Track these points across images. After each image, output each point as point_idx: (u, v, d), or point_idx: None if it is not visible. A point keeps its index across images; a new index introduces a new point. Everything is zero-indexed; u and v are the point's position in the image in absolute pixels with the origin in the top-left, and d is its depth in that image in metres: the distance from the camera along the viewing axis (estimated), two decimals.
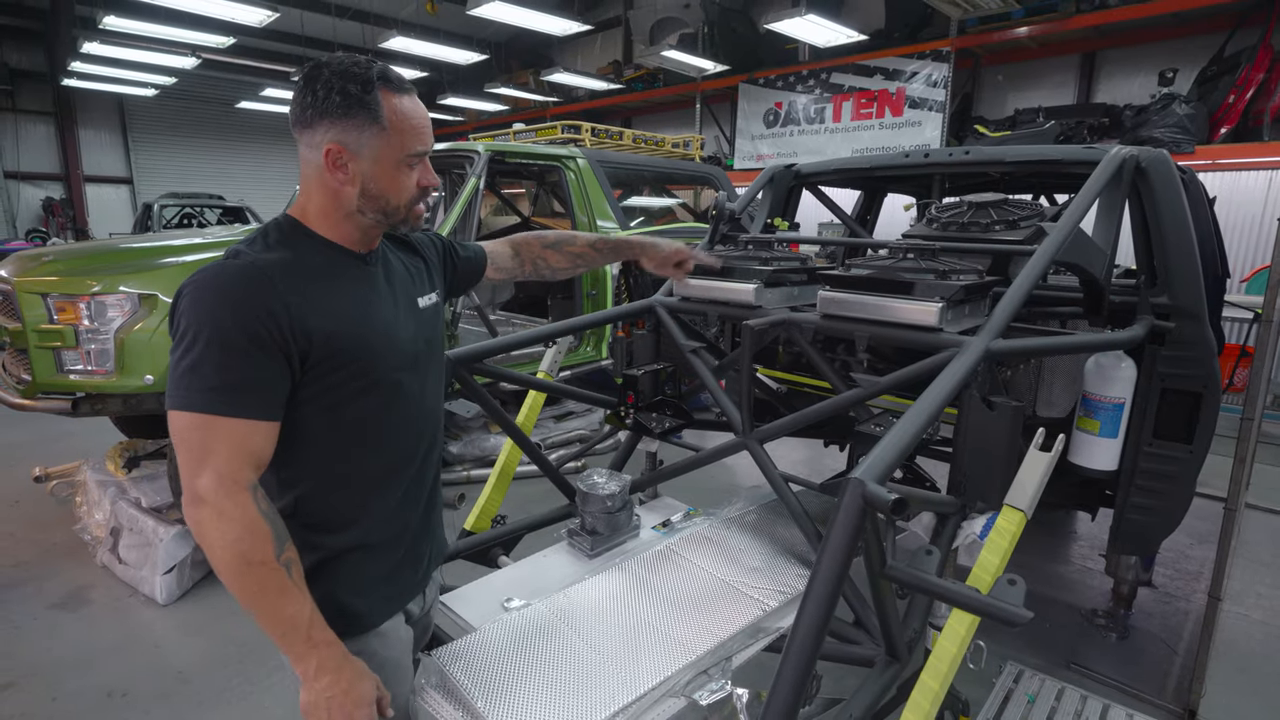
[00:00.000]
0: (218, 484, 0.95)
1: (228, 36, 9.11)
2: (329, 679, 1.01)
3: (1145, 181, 2.11)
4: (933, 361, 1.58)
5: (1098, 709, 2.08)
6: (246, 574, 0.96)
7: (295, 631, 1.00)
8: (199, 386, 0.96)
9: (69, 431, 4.97)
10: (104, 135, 14.54)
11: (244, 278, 1.00)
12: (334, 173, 1.07)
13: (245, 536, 0.96)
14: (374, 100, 1.05)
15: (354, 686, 1.03)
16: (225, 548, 0.96)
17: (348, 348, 1.07)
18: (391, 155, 1.08)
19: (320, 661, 1.01)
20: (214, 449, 0.96)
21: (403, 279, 1.25)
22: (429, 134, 1.13)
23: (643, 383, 2.19)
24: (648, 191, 6.47)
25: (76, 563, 3.26)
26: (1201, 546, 3.56)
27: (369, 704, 1.05)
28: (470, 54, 10.06)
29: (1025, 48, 8.05)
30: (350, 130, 1.05)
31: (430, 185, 1.15)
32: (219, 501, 0.95)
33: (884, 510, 0.98)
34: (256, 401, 0.99)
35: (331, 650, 1.03)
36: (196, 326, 0.97)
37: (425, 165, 1.15)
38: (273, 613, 0.98)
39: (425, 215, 1.19)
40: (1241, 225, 6.62)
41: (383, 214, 1.12)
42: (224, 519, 0.95)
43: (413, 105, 1.10)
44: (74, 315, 2.88)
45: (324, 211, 1.12)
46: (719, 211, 2.60)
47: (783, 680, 1.01)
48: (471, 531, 2.05)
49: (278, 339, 0.99)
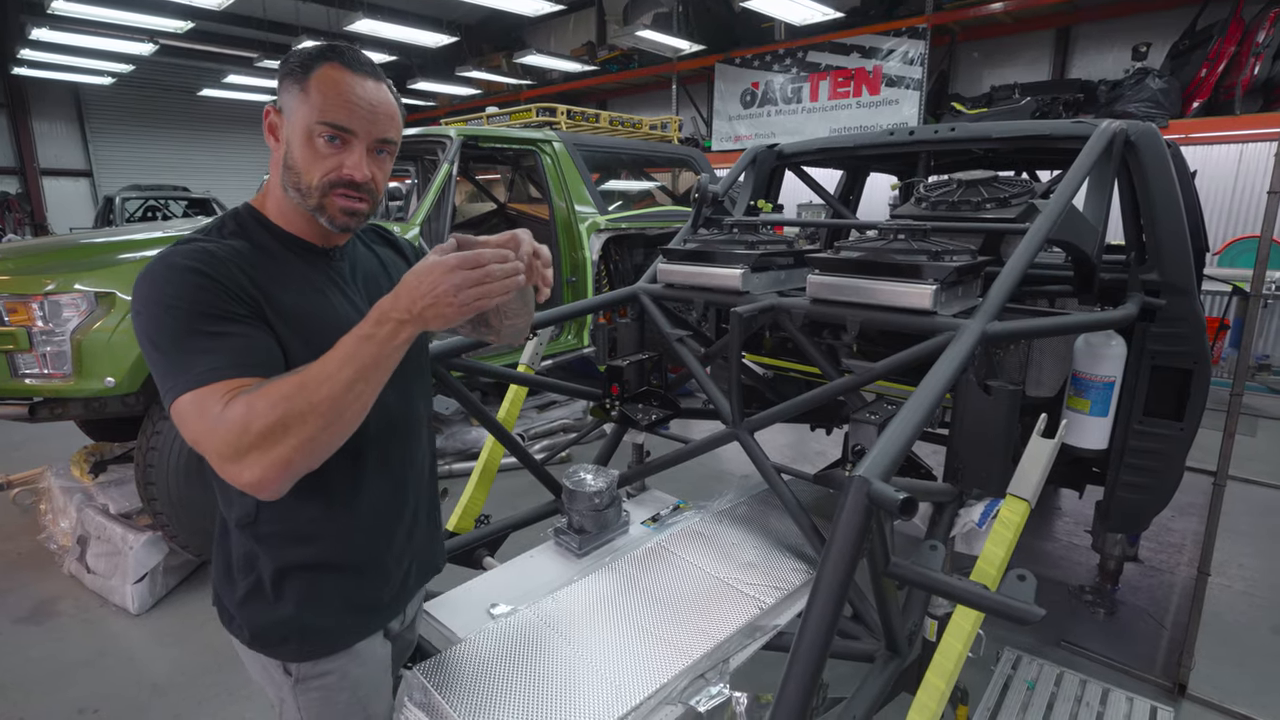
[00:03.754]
0: (219, 428, 0.83)
1: (186, 21, 8.77)
2: (402, 303, 0.87)
3: (1135, 156, 2.07)
4: (928, 346, 1.54)
5: (1098, 693, 2.08)
6: (310, 404, 0.83)
7: (366, 344, 0.87)
8: (181, 368, 0.87)
9: (31, 436, 4.79)
10: (60, 126, 14.00)
11: (195, 257, 0.93)
12: (269, 136, 1.02)
13: (273, 402, 0.83)
14: (316, 65, 0.97)
15: (415, 282, 0.88)
16: (288, 429, 0.82)
17: (295, 345, 0.97)
18: (304, 120, 0.96)
19: (391, 315, 0.87)
20: (208, 414, 0.85)
21: (375, 276, 1.16)
22: (361, 114, 0.97)
23: (627, 373, 2.13)
24: (626, 175, 6.37)
25: (43, 573, 3.14)
26: (1183, 518, 3.60)
27: (433, 266, 0.87)
28: (440, 36, 9.81)
29: (1000, 23, 8.02)
30: (285, 90, 0.99)
31: (343, 177, 0.98)
32: (231, 431, 0.82)
33: (892, 510, 0.93)
34: (248, 360, 0.89)
35: (380, 307, 0.88)
36: (159, 311, 0.89)
37: (350, 151, 0.98)
38: (350, 374, 0.85)
39: (348, 211, 1.00)
40: (1213, 198, 6.70)
41: (298, 192, 0.99)
42: (253, 426, 0.82)
43: (351, 80, 0.97)
44: (27, 316, 2.73)
45: (270, 189, 1.05)
46: (701, 194, 2.52)
47: (789, 690, 0.96)
48: (455, 533, 1.99)
49: (243, 307, 0.92)
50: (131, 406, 2.86)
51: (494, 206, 6.23)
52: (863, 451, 1.51)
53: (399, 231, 3.88)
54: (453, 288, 0.86)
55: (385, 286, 1.11)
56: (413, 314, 0.87)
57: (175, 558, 2.96)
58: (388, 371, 0.91)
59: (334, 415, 0.86)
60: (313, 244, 1.07)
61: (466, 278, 0.87)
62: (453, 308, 0.87)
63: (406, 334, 0.88)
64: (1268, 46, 5.94)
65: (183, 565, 3.03)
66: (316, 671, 1.08)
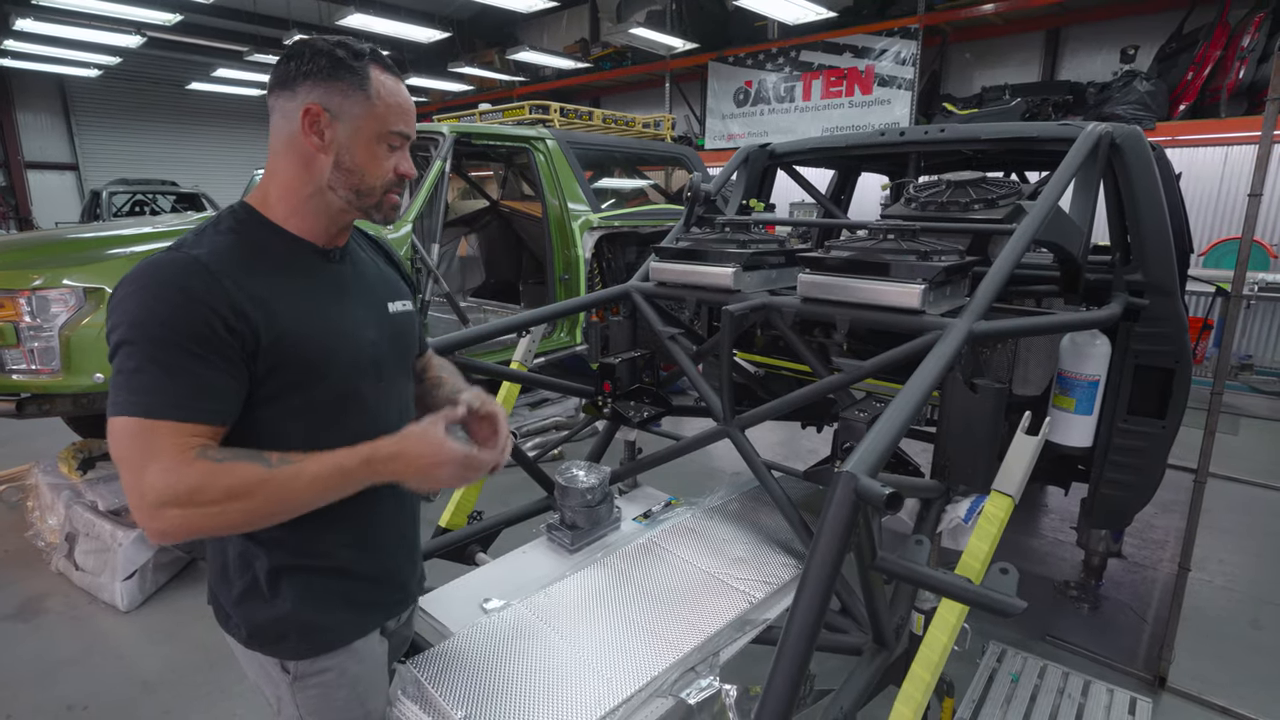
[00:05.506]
0: (169, 475, 0.85)
1: (174, 13, 8.67)
2: (397, 466, 0.95)
3: (1120, 158, 2.10)
4: (916, 344, 1.56)
5: (1079, 685, 2.12)
6: (261, 502, 0.88)
7: (341, 478, 0.93)
8: (140, 389, 0.88)
9: (18, 433, 4.74)
10: (45, 119, 13.80)
11: (184, 273, 0.92)
12: (309, 136, 0.99)
13: (232, 483, 0.87)
14: (364, 68, 1.00)
15: (419, 453, 0.95)
16: (224, 511, 0.87)
17: (298, 348, 0.98)
18: (373, 127, 1.01)
19: (379, 470, 0.95)
20: (157, 452, 0.87)
21: (374, 281, 1.17)
22: (413, 120, 1.07)
23: (620, 371, 2.15)
24: (619, 173, 6.37)
25: (30, 571, 3.12)
26: (1166, 515, 3.65)
27: (441, 449, 0.96)
28: (432, 32, 9.74)
29: (991, 25, 8.08)
30: (335, 93, 0.99)
31: (408, 175, 1.08)
32: (178, 489, 0.85)
33: (878, 505, 0.95)
34: (207, 405, 0.91)
35: (374, 458, 0.94)
36: (134, 327, 0.89)
37: (405, 153, 1.08)
38: (310, 496, 0.92)
39: (395, 206, 1.09)
40: (1198, 200, 6.78)
41: (355, 193, 1.03)
42: (200, 495, 0.86)
43: (401, 88, 1.06)
44: (14, 311, 2.71)
45: (288, 189, 1.02)
46: (694, 193, 2.54)
47: (777, 681, 0.98)
48: (447, 529, 2.00)
49: (224, 338, 0.91)
50: None
51: (487, 204, 6.22)
52: (851, 448, 1.53)
53: (392, 227, 3.86)
54: (449, 476, 0.97)
55: (381, 295, 1.16)
56: (399, 475, 0.95)
57: (165, 555, 2.95)
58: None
59: (272, 518, 0.92)
60: (316, 245, 1.07)
61: (463, 476, 0.99)
62: (435, 483, 0.98)
63: (376, 482, 0.96)
64: (1252, 51, 6.02)
65: (172, 562, 3.02)
66: (315, 669, 1.08)
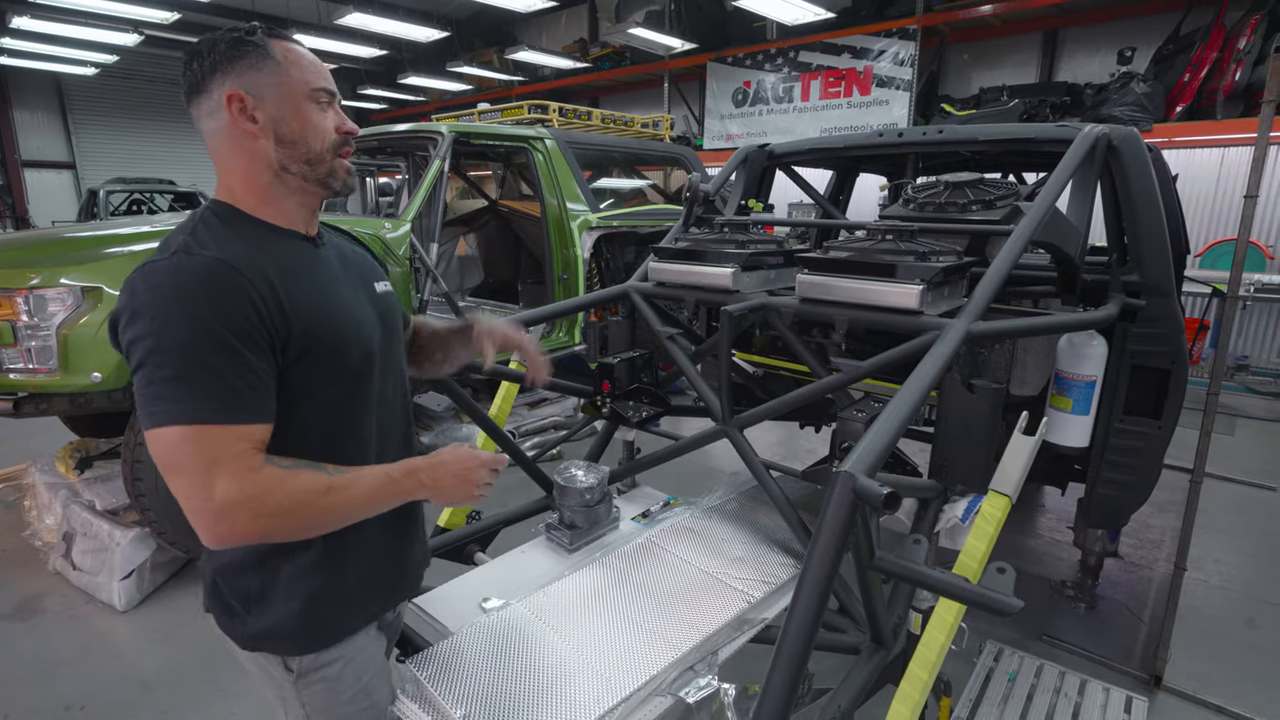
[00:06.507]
0: (240, 480, 0.88)
1: (172, 11, 8.65)
2: (438, 473, 1.05)
3: (1117, 160, 2.11)
4: (914, 345, 1.56)
5: (1075, 684, 2.13)
6: (321, 511, 0.95)
7: (390, 487, 1.02)
8: (182, 396, 0.87)
9: (14, 432, 4.72)
10: (41, 117, 13.78)
11: (211, 272, 0.91)
12: (242, 124, 0.98)
13: (298, 490, 0.92)
14: (262, 40, 1.00)
15: (456, 458, 1.07)
16: (289, 516, 0.92)
17: (320, 336, 0.99)
18: (295, 90, 1.01)
19: (423, 480, 1.04)
20: (221, 456, 0.87)
21: (357, 264, 1.18)
22: (330, 76, 1.06)
23: (618, 370, 2.15)
24: (618, 173, 6.37)
25: (28, 571, 3.11)
26: (1162, 515, 3.67)
27: (475, 455, 1.09)
28: (431, 31, 9.74)
29: (989, 26, 8.10)
30: (247, 71, 0.98)
31: (350, 131, 1.06)
32: (250, 493, 0.88)
33: (876, 505, 0.96)
34: (256, 404, 0.92)
35: (418, 467, 1.05)
36: (167, 334, 0.87)
37: (338, 110, 1.06)
38: (362, 505, 1.00)
39: (349, 170, 1.08)
40: (1195, 201, 6.81)
41: (306, 164, 1.02)
42: (268, 500, 0.90)
43: (304, 48, 1.05)
44: (11, 310, 2.71)
45: (250, 183, 1.02)
46: (693, 193, 2.54)
47: (775, 680, 0.99)
48: (446, 528, 2.00)
49: (262, 331, 0.92)
50: (118, 402, 2.84)
51: (485, 203, 6.22)
52: (850, 448, 1.54)
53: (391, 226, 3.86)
54: (482, 478, 1.09)
55: (369, 278, 1.17)
56: (439, 483, 1.06)
57: (162, 554, 2.95)
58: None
59: (328, 526, 0.99)
60: (301, 233, 1.07)
61: (491, 478, 1.11)
62: (470, 487, 1.08)
63: (418, 494, 1.06)
64: (1248, 53, 6.04)
65: (170, 561, 3.01)
66: (318, 664, 1.08)
